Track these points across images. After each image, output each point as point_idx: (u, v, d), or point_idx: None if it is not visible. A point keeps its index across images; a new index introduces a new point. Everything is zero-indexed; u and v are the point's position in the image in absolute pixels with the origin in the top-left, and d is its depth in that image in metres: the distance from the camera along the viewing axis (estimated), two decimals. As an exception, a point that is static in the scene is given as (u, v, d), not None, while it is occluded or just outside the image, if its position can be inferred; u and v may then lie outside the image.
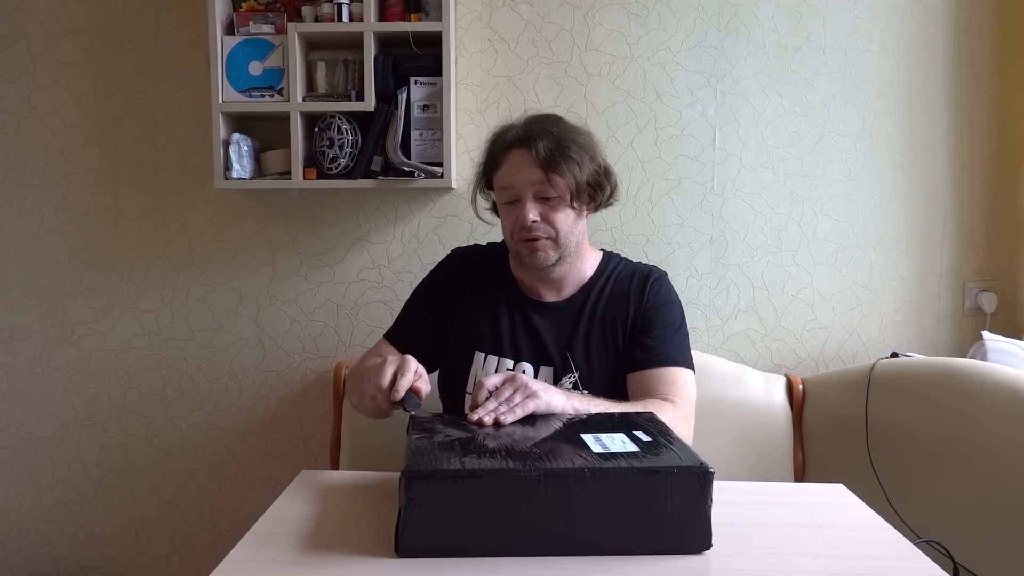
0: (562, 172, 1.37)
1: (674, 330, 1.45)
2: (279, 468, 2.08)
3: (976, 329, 1.94)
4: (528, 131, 1.41)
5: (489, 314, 1.48)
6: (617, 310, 1.46)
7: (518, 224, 1.40)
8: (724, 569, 0.88)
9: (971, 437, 1.62)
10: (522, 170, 1.39)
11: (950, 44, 1.96)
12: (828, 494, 1.14)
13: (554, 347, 1.44)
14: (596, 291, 1.48)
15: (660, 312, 1.45)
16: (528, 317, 1.47)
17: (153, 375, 2.08)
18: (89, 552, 2.13)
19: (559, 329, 1.46)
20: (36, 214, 2.06)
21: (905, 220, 2.00)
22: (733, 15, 1.96)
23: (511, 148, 1.41)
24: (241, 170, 1.87)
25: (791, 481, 1.78)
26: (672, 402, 1.33)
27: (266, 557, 0.91)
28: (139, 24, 2.01)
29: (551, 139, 1.38)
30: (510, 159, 1.41)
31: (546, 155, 1.36)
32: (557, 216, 1.39)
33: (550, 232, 1.39)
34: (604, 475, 0.89)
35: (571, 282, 1.49)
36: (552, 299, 1.49)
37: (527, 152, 1.38)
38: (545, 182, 1.37)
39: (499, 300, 1.49)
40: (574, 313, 1.47)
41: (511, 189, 1.41)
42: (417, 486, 0.88)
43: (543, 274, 1.45)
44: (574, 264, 1.47)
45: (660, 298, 1.47)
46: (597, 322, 1.46)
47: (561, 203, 1.39)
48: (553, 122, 1.44)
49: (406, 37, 1.83)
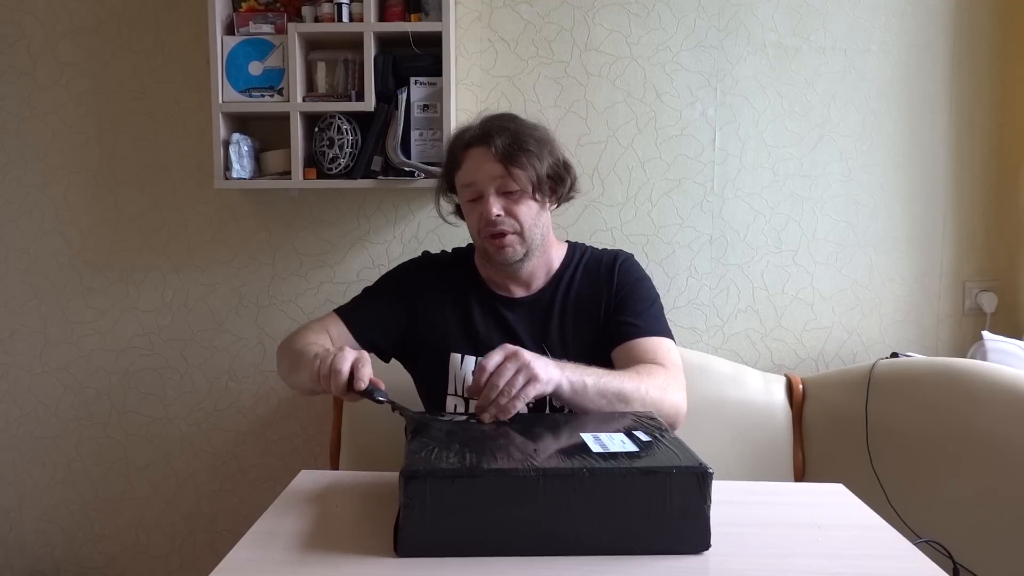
0: (522, 165, 1.40)
1: (650, 303, 1.47)
2: (279, 468, 2.08)
3: (976, 329, 1.94)
4: (485, 129, 1.43)
5: (461, 315, 1.49)
6: (589, 296, 1.48)
7: (483, 220, 1.41)
8: (723, 569, 0.88)
9: (971, 437, 1.61)
10: (482, 166, 1.41)
11: (950, 44, 1.96)
12: (828, 494, 1.14)
13: (529, 340, 1.44)
14: (565, 281, 1.50)
15: (633, 290, 1.48)
16: (500, 314, 1.48)
17: (153, 375, 2.08)
18: (89, 552, 2.13)
19: (532, 322, 1.47)
20: (36, 214, 2.06)
21: (905, 220, 2.00)
22: (733, 15, 1.96)
23: (470, 147, 1.43)
24: (241, 170, 1.87)
25: (791, 481, 1.78)
26: (662, 365, 1.34)
27: (266, 557, 0.91)
28: (139, 24, 2.01)
29: (508, 135, 1.41)
30: (470, 158, 1.43)
31: (504, 150, 1.39)
32: (520, 209, 1.41)
33: (515, 226, 1.41)
34: (603, 475, 0.89)
35: (540, 275, 1.50)
36: (522, 294, 1.50)
37: (486, 149, 1.40)
38: (506, 176, 1.40)
39: (470, 301, 1.50)
40: (545, 305, 1.48)
41: (473, 186, 1.43)
42: (416, 486, 0.88)
43: (512, 270, 1.46)
44: (541, 258, 1.49)
45: (630, 277, 1.50)
46: (570, 310, 1.47)
47: (523, 196, 1.41)
48: (509, 119, 1.47)
49: (406, 37, 1.83)
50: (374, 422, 1.84)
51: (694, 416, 1.76)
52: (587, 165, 1.99)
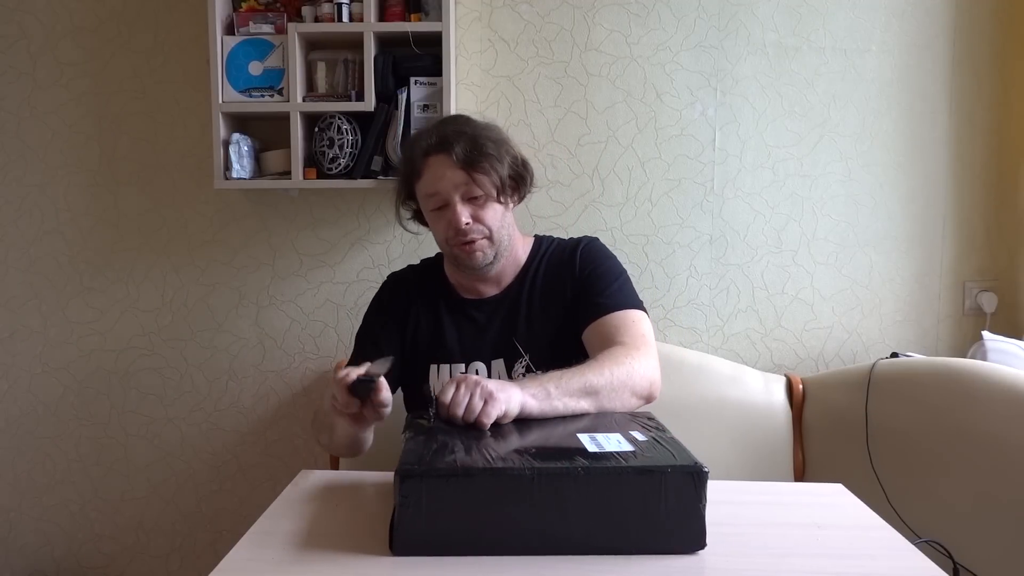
0: (484, 170, 1.39)
1: (613, 279, 1.46)
2: (279, 468, 2.08)
3: (976, 329, 1.93)
4: (442, 135, 1.42)
5: (434, 325, 1.49)
6: (554, 284, 1.48)
7: (451, 229, 1.41)
8: (720, 569, 0.88)
9: (971, 437, 1.61)
10: (445, 175, 1.40)
11: (950, 44, 1.96)
12: (828, 494, 1.14)
13: (500, 338, 1.45)
14: (531, 274, 1.50)
15: (595, 270, 1.47)
16: (471, 317, 1.48)
17: (153, 375, 2.08)
18: (89, 552, 2.13)
19: (502, 320, 1.47)
20: (36, 214, 2.06)
21: (905, 220, 1.99)
22: (733, 15, 1.96)
23: (429, 155, 1.42)
24: (241, 170, 1.87)
25: (791, 481, 1.78)
26: (621, 343, 1.32)
27: (266, 557, 0.91)
28: (139, 24, 2.01)
29: (466, 140, 1.40)
30: (430, 166, 1.41)
31: (465, 156, 1.38)
32: (487, 214, 1.41)
33: (484, 232, 1.41)
34: (598, 474, 0.89)
35: (509, 273, 1.51)
36: (492, 293, 1.50)
37: (446, 156, 1.39)
38: (470, 183, 1.39)
39: (440, 309, 1.50)
40: (513, 300, 1.48)
41: (437, 195, 1.42)
42: (411, 485, 0.88)
43: (482, 273, 1.46)
44: (510, 256, 1.49)
45: (592, 258, 1.49)
46: (537, 301, 1.47)
47: (488, 200, 1.41)
48: (463, 122, 1.46)
49: (406, 37, 1.83)
50: (374, 422, 1.84)
51: (694, 416, 1.78)
52: (587, 165, 1.99)
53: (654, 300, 2.00)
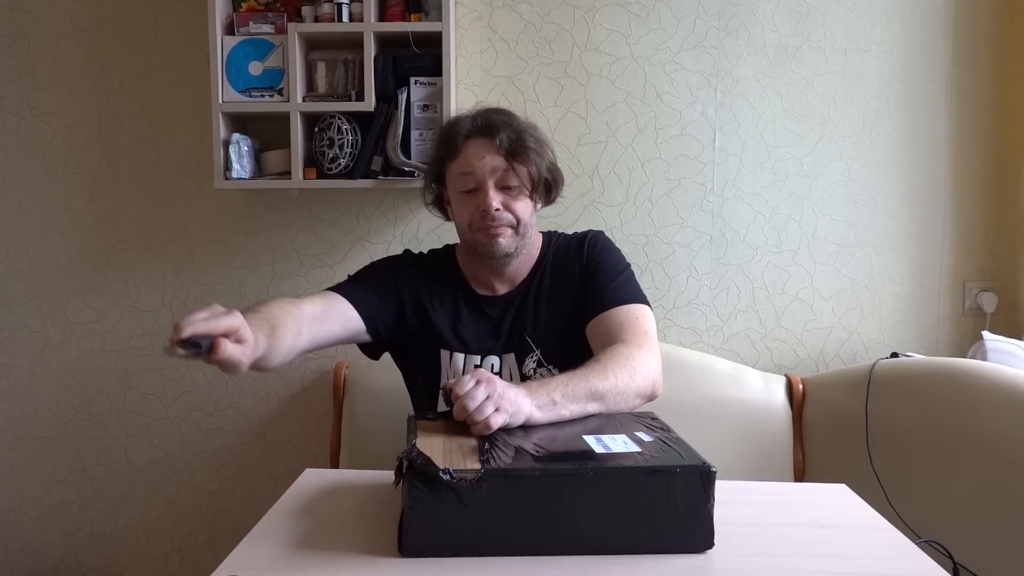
0: (525, 161, 1.39)
1: (617, 273, 1.46)
2: (279, 468, 2.08)
3: (976, 329, 1.94)
4: (489, 121, 1.42)
5: (449, 313, 1.48)
6: (564, 277, 1.48)
7: (479, 212, 1.40)
8: (726, 569, 0.88)
9: (971, 437, 1.62)
10: (484, 157, 1.39)
11: (950, 44, 1.96)
12: (830, 494, 1.14)
13: (513, 334, 1.45)
14: (541, 270, 1.50)
15: (602, 262, 1.47)
16: (486, 313, 1.48)
17: (153, 375, 2.08)
18: (89, 552, 2.12)
19: (515, 316, 1.47)
20: (36, 214, 2.06)
21: (905, 220, 2.00)
22: (733, 15, 1.97)
23: (471, 136, 1.41)
24: (241, 170, 1.87)
25: (791, 481, 1.78)
26: (622, 340, 1.32)
27: (267, 557, 0.91)
28: (139, 24, 2.01)
29: (512, 130, 1.40)
30: (470, 147, 1.41)
31: (509, 144, 1.39)
32: (518, 205, 1.41)
33: (511, 220, 1.40)
34: (607, 475, 0.89)
35: (522, 272, 1.50)
36: (505, 291, 1.49)
37: (489, 140, 1.39)
38: (508, 170, 1.39)
39: (457, 299, 1.49)
40: (525, 296, 1.48)
41: (471, 175, 1.40)
42: (420, 488, 0.87)
43: (499, 264, 1.45)
44: (526, 256, 1.49)
45: (597, 251, 1.49)
46: (545, 296, 1.47)
47: (522, 192, 1.41)
48: (509, 115, 1.46)
49: (406, 37, 1.83)
50: (374, 422, 1.84)
51: (694, 416, 1.78)
52: (587, 165, 1.99)
53: (654, 300, 1.98)
